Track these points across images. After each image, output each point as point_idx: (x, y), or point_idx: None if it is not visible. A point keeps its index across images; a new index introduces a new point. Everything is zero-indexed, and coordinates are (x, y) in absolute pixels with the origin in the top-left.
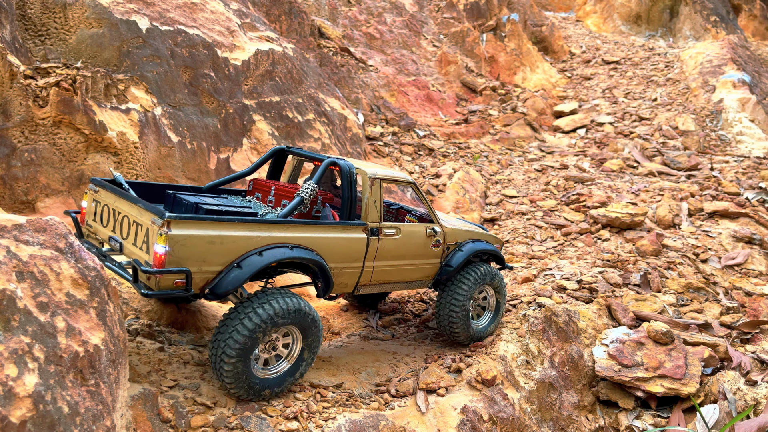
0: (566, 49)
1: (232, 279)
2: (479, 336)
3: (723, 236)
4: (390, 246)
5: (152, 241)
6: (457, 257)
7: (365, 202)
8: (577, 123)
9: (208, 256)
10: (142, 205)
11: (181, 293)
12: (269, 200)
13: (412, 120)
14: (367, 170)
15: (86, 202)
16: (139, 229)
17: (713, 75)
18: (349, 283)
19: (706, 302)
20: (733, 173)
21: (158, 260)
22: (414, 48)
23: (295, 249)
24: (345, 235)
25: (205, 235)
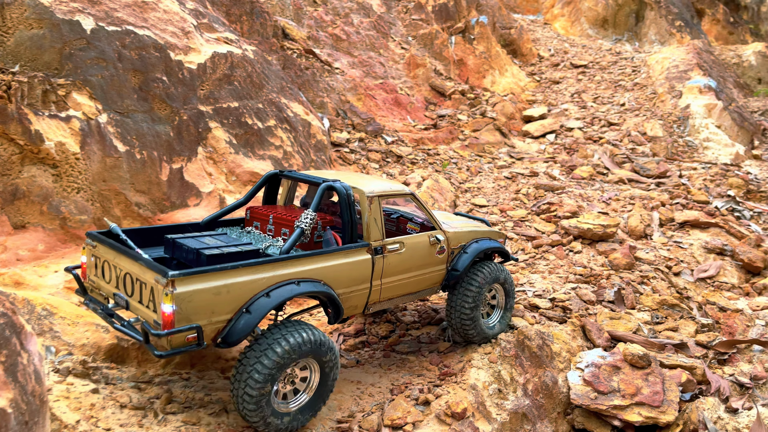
0: (535, 52)
1: (243, 326)
2: (492, 334)
3: (694, 247)
4: (395, 261)
5: (158, 300)
6: (462, 260)
7: (366, 222)
8: (546, 128)
9: (216, 307)
10: (144, 262)
11: (194, 348)
12: (268, 229)
13: (379, 125)
14: (365, 189)
15: (85, 256)
16: (143, 288)
17: (680, 80)
18: (359, 305)
19: (681, 319)
20: (701, 180)
21: (167, 320)
22: (382, 50)
23: (302, 284)
24: (350, 259)
25: (211, 287)
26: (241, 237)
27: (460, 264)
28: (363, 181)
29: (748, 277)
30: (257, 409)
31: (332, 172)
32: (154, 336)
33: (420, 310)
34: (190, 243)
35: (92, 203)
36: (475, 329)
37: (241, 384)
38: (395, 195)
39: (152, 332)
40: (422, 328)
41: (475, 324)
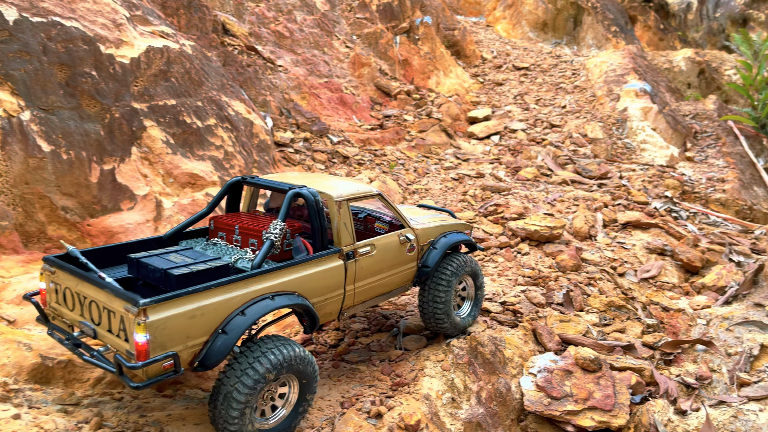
0: (478, 53)
1: (220, 347)
2: (465, 325)
3: (637, 248)
4: (367, 264)
5: (130, 330)
6: (432, 256)
7: (336, 227)
8: (491, 129)
9: (191, 330)
10: (110, 290)
11: (171, 376)
12: (235, 240)
13: (325, 125)
14: (333, 193)
15: (43, 282)
16: (112, 316)
17: (617, 84)
18: (334, 311)
19: (628, 321)
20: (640, 182)
21: (141, 350)
22: (326, 48)
23: (277, 298)
24: (322, 267)
25: (185, 311)
26: (207, 250)
27: (430, 260)
28: (330, 184)
29: (688, 276)
30: (238, 429)
31: (295, 174)
32: (128, 368)
33: (370, 317)
34: (155, 262)
35: (14, 207)
36: (449, 322)
37: (221, 404)
38: (363, 197)
39: (127, 365)
40: (372, 336)
41: (448, 317)
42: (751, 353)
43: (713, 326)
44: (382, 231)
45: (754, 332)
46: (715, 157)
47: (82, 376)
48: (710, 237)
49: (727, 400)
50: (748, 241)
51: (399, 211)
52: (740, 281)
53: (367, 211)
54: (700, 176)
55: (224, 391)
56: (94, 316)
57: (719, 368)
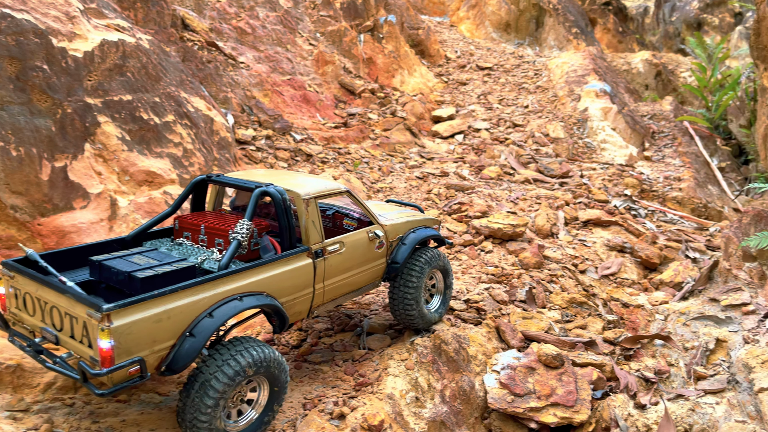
0: (442, 53)
1: (187, 350)
2: (435, 319)
3: (598, 245)
4: (336, 262)
5: (94, 336)
6: (401, 252)
7: (304, 225)
8: (455, 128)
9: (157, 335)
10: (72, 295)
11: (137, 382)
12: (201, 240)
13: (288, 122)
14: (300, 191)
15: (2, 287)
16: (74, 322)
17: (578, 84)
18: (303, 310)
19: (589, 317)
20: (600, 180)
21: (106, 356)
22: (289, 45)
23: (245, 298)
24: (291, 266)
25: (151, 315)
26: (173, 251)
27: (399, 256)
28: (297, 182)
29: (646, 272)
30: (209, 422)
31: (261, 172)
32: (93, 375)
33: (333, 316)
34: (118, 265)
35: None
36: (419, 317)
37: (190, 409)
38: (332, 194)
39: (91, 372)
40: (336, 335)
41: (418, 312)
42: (707, 347)
43: (671, 321)
44: (350, 228)
45: (709, 327)
46: (672, 156)
47: (32, 381)
48: (668, 234)
49: (684, 394)
50: (703, 238)
51: (367, 208)
52: (696, 277)
53: (335, 208)
54: (658, 175)
55: (194, 396)
56: (56, 321)
57: (677, 362)
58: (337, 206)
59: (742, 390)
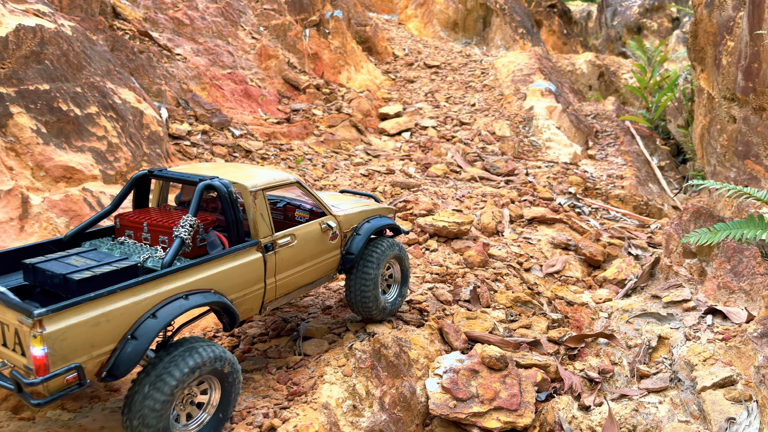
0: (390, 50)
1: (130, 354)
2: (394, 309)
3: (542, 243)
4: (288, 255)
5: (26, 343)
6: (356, 243)
7: (252, 219)
8: (402, 126)
9: (96, 339)
10: (2, 301)
11: (76, 389)
12: (144, 237)
13: (226, 117)
14: (246, 183)
15: None
16: (5, 329)
17: (524, 83)
18: (254, 307)
19: (534, 316)
20: (545, 178)
21: (39, 364)
22: (230, 38)
23: (191, 296)
24: (239, 261)
25: (87, 319)
26: (114, 250)
27: (354, 247)
28: (243, 174)
29: (590, 270)
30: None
31: (207, 165)
32: (27, 385)
33: (268, 321)
34: (53, 267)
35: None
36: (377, 308)
37: (136, 416)
38: (280, 185)
39: (24, 381)
40: (270, 341)
41: (376, 302)
42: (650, 345)
43: (614, 319)
44: (303, 219)
45: (652, 324)
46: (615, 155)
47: None
48: (611, 231)
49: (628, 394)
50: (645, 235)
51: (319, 198)
52: (638, 274)
53: (286, 200)
54: (601, 173)
55: (139, 402)
56: None
57: (620, 361)
58: (288, 198)
59: (685, 388)
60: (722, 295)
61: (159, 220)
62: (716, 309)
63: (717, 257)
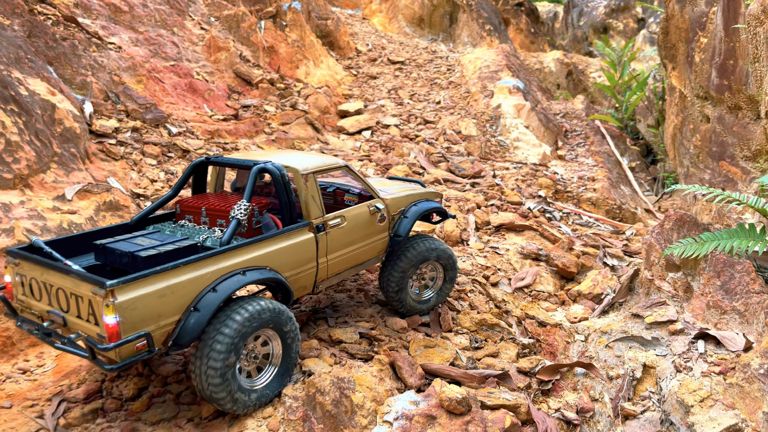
0: (352, 45)
1: (193, 325)
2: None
3: (511, 253)
4: (338, 236)
5: (99, 313)
6: (404, 225)
7: (304, 200)
8: (362, 124)
9: (162, 309)
10: (76, 275)
11: (145, 356)
12: (203, 221)
13: (163, 113)
14: (298, 167)
15: (8, 276)
16: (80, 301)
17: (491, 80)
18: (308, 285)
19: (502, 342)
20: (513, 180)
21: (112, 331)
22: (176, 28)
23: (248, 273)
24: (292, 241)
25: (154, 290)
26: (176, 232)
27: (402, 229)
28: (295, 158)
29: (563, 283)
30: (223, 383)
31: (260, 151)
32: (100, 351)
33: (187, 354)
34: (122, 246)
35: None
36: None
37: (203, 360)
38: (330, 169)
39: (98, 347)
40: (187, 381)
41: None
42: (634, 376)
43: (592, 342)
44: (351, 203)
45: (635, 349)
46: (585, 155)
47: None
48: (584, 239)
49: None
50: (620, 242)
51: (368, 183)
52: (616, 288)
53: (336, 185)
54: (572, 175)
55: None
56: (62, 303)
57: (601, 396)
58: (338, 183)
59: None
60: (712, 316)
61: (216, 205)
62: (708, 333)
63: (704, 271)
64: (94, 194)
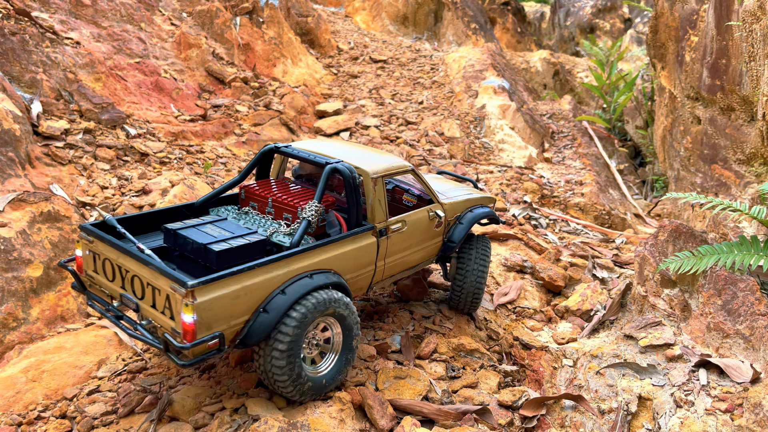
0: (334, 43)
1: (262, 326)
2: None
3: (493, 265)
4: (398, 240)
5: (177, 309)
6: (458, 232)
7: (371, 204)
8: (340, 125)
9: (235, 310)
10: (156, 268)
11: (214, 354)
12: (267, 211)
13: (121, 113)
14: (369, 169)
15: (80, 250)
16: (157, 294)
17: (476, 80)
18: (364, 287)
19: (482, 370)
20: (498, 185)
21: (188, 330)
22: (144, 24)
23: (315, 276)
24: (357, 245)
25: (230, 292)
26: (240, 220)
27: (456, 235)
28: (364, 159)
29: (549, 297)
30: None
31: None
32: (177, 348)
33: (120, 391)
34: (194, 235)
35: None
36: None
37: (267, 351)
38: (398, 173)
39: (177, 345)
40: (120, 422)
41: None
42: (629, 410)
43: (581, 368)
44: (410, 204)
45: (629, 378)
46: (572, 158)
47: None
48: (572, 249)
49: None
50: (610, 251)
51: (430, 187)
52: (606, 303)
53: (395, 182)
54: (559, 179)
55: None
56: (137, 290)
57: None
58: (397, 180)
59: None
60: (713, 339)
61: (284, 198)
62: (710, 361)
63: (704, 289)
64: (29, 204)
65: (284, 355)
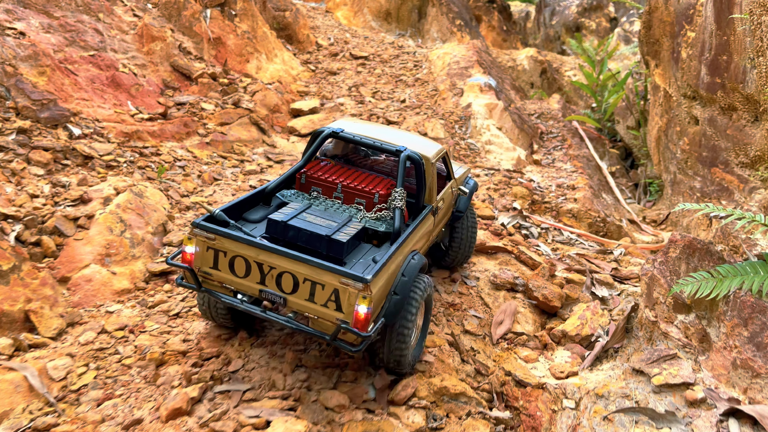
0: (313, 39)
1: (395, 307)
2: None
3: (482, 283)
4: (440, 216)
5: (347, 301)
6: (464, 202)
7: (429, 185)
8: (316, 125)
9: (382, 296)
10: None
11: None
12: (335, 196)
13: (64, 111)
14: (428, 154)
15: (191, 247)
16: (318, 289)
17: (461, 77)
18: None
19: (468, 418)
20: (485, 190)
21: (363, 321)
22: (102, 14)
23: (415, 257)
24: (426, 225)
25: (384, 280)
26: (319, 205)
27: (462, 205)
28: (416, 144)
29: (544, 320)
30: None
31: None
32: (362, 338)
33: None
34: (307, 226)
35: None
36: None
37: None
38: (442, 155)
39: (361, 335)
40: None
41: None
42: None
43: (585, 412)
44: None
45: (643, 426)
46: (563, 160)
47: None
48: (566, 262)
49: None
50: (608, 264)
51: (451, 167)
52: (609, 328)
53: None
54: (550, 183)
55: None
56: (285, 286)
57: None
58: None
59: None
60: (740, 379)
61: (353, 185)
62: (740, 410)
63: (726, 317)
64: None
65: (410, 332)
